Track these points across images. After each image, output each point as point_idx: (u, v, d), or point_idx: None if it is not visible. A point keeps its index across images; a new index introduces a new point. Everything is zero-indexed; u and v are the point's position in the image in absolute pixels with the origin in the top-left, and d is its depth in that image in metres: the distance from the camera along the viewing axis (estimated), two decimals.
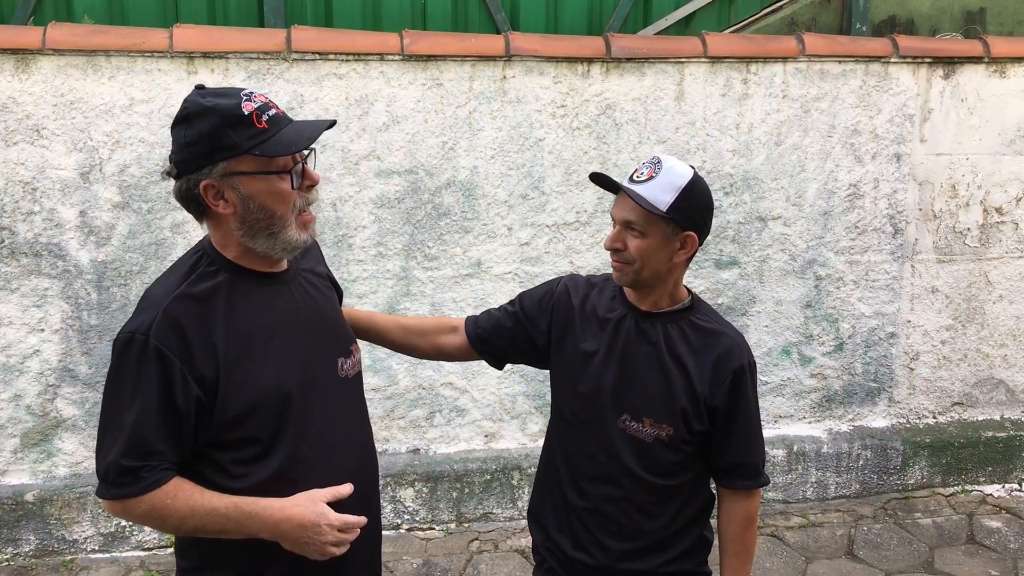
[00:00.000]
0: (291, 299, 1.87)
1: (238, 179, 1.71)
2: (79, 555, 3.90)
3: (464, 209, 4.04)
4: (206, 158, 1.70)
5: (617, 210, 2.01)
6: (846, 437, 4.53)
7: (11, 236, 3.71)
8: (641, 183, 1.95)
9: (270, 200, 1.73)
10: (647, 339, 2.05)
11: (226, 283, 1.76)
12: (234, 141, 1.69)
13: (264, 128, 1.70)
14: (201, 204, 1.74)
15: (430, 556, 3.97)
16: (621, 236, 1.99)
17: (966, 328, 4.61)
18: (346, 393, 1.96)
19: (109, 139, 3.71)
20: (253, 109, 1.70)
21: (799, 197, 4.30)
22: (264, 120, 1.71)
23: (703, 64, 4.12)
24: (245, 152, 1.69)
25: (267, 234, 1.75)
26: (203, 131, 1.69)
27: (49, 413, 3.85)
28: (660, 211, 1.94)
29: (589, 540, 2.10)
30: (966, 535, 4.29)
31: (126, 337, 1.69)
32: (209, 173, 1.70)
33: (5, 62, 3.60)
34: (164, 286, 1.75)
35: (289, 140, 1.72)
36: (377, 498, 2.06)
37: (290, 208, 1.75)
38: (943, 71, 4.35)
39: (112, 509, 1.74)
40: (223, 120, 1.69)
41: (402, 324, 2.32)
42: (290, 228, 1.76)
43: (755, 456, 2.10)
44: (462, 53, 3.91)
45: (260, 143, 1.69)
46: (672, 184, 1.95)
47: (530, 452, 4.25)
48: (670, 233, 1.97)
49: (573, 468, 2.12)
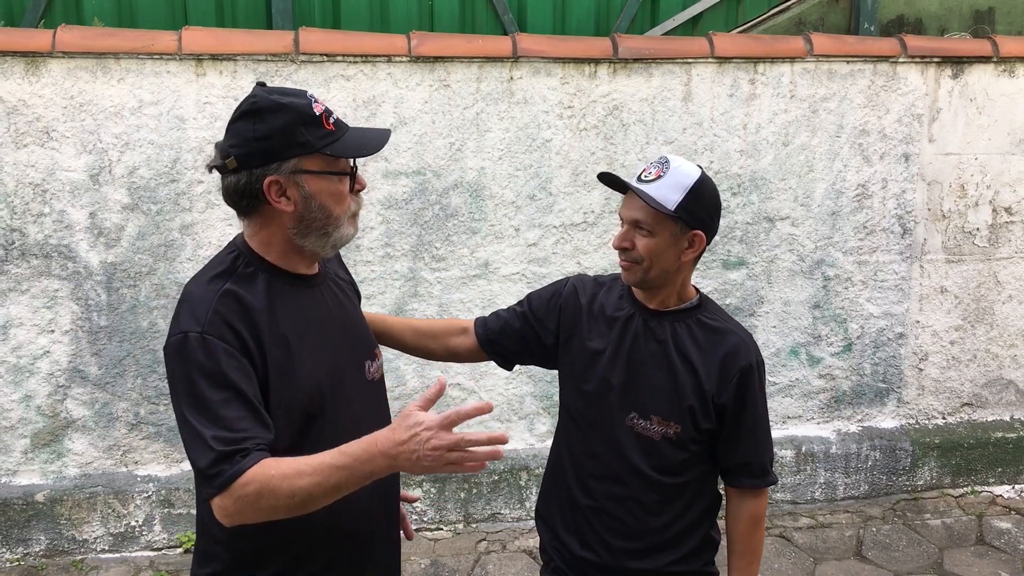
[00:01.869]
0: (323, 302, 1.88)
1: (304, 177, 1.71)
2: (89, 555, 3.92)
3: (472, 210, 4.04)
4: (277, 154, 1.70)
5: (625, 209, 2.02)
6: (855, 438, 4.52)
7: (21, 238, 3.73)
8: (649, 182, 1.96)
9: (330, 200, 1.75)
10: (655, 337, 2.05)
11: (264, 284, 1.76)
12: (307, 139, 1.70)
13: (332, 130, 1.73)
14: (258, 200, 1.73)
15: (438, 556, 3.98)
16: (629, 235, 2.00)
17: (975, 328, 4.59)
18: (372, 396, 1.97)
19: (118, 141, 3.73)
20: (322, 111, 1.73)
21: (807, 197, 4.30)
22: (331, 122, 1.73)
23: (710, 64, 4.12)
24: (317, 151, 1.71)
25: (320, 233, 1.76)
26: (276, 127, 1.69)
27: (59, 414, 3.87)
28: (668, 210, 1.94)
29: (596, 539, 2.10)
30: (975, 536, 4.28)
31: (180, 338, 1.66)
32: (277, 169, 1.70)
33: (15, 65, 3.62)
34: (202, 286, 1.74)
35: (357, 144, 1.76)
36: (398, 502, 2.06)
37: (345, 210, 1.78)
38: (952, 71, 4.34)
39: (224, 507, 1.61)
40: (298, 117, 1.70)
41: (413, 327, 2.33)
42: (343, 227, 1.78)
43: (762, 455, 2.10)
44: (469, 54, 3.91)
45: (330, 143, 1.72)
46: (680, 183, 1.95)
47: (538, 453, 4.25)
48: (678, 232, 1.98)
49: (580, 467, 2.13)
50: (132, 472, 3.96)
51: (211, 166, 1.76)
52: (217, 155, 1.75)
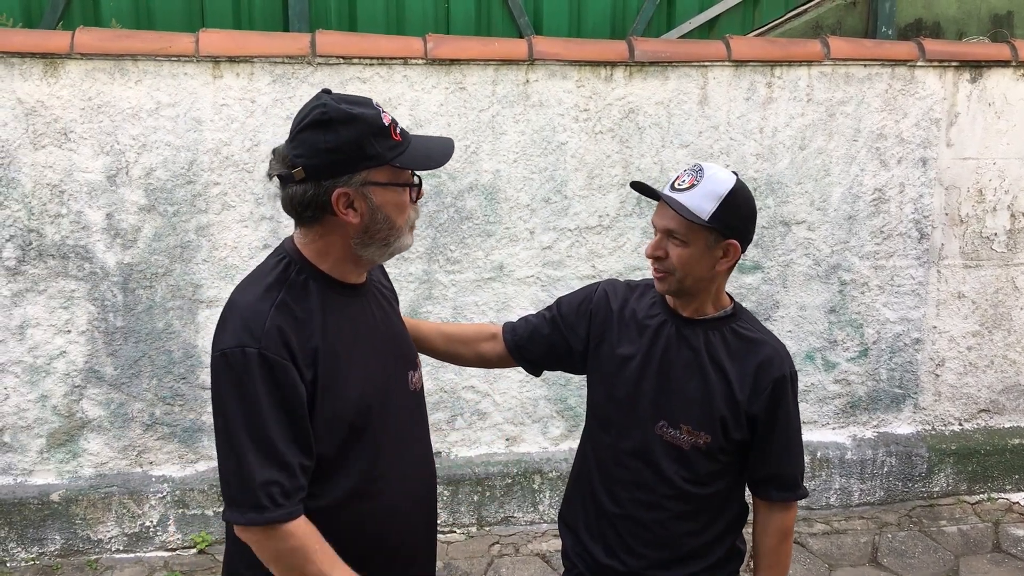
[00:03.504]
0: (370, 312, 1.87)
1: (372, 189, 1.69)
2: (104, 555, 3.93)
3: (486, 213, 4.04)
4: (348, 165, 1.67)
5: (659, 218, 1.98)
6: (870, 443, 4.49)
7: (39, 238, 3.75)
8: (683, 191, 1.92)
9: (394, 211, 1.72)
10: (688, 345, 2.03)
11: (317, 295, 1.74)
12: (378, 151, 1.67)
13: (399, 141, 1.71)
14: (324, 211, 1.69)
15: (451, 559, 3.98)
16: (663, 244, 1.97)
17: (993, 334, 4.56)
18: (415, 407, 1.96)
19: (136, 143, 3.75)
20: (390, 121, 1.70)
21: (823, 201, 4.28)
22: (398, 133, 1.71)
23: (727, 68, 4.10)
24: (387, 163, 1.69)
25: (382, 244, 1.75)
26: (348, 139, 1.66)
27: (75, 414, 3.88)
28: (702, 220, 1.91)
29: (621, 547, 2.08)
30: (992, 543, 4.24)
31: (236, 351, 1.63)
32: (348, 181, 1.67)
33: (34, 66, 3.64)
34: (253, 295, 1.71)
35: (424, 156, 1.74)
36: (436, 513, 2.06)
37: (407, 219, 1.76)
38: (970, 75, 4.31)
39: (256, 540, 1.65)
40: (368, 129, 1.67)
41: (444, 332, 2.32)
42: (401, 237, 1.76)
43: (794, 468, 2.08)
44: (485, 57, 3.91)
45: (398, 155, 1.69)
46: (714, 192, 1.92)
47: (551, 456, 4.25)
48: (712, 241, 1.95)
49: (607, 474, 2.11)
50: (147, 472, 3.97)
51: (274, 175, 1.72)
52: (279, 163, 1.70)
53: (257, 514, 1.62)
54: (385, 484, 1.81)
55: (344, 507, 1.76)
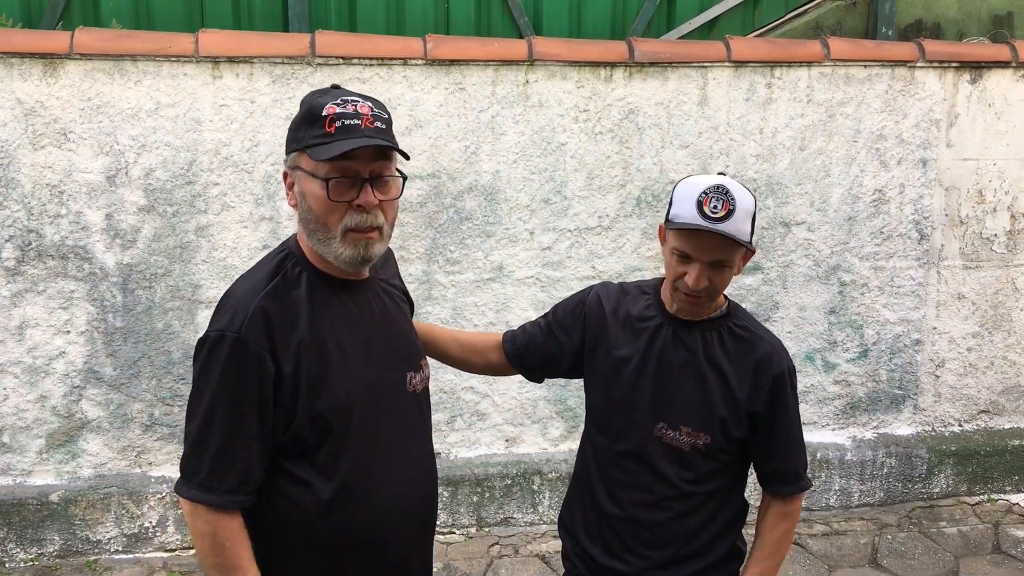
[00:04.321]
0: (367, 308, 1.86)
1: (298, 174, 1.73)
2: (103, 556, 3.92)
3: (486, 213, 4.04)
4: (288, 146, 1.77)
5: (702, 252, 1.91)
6: (870, 444, 4.48)
7: (38, 239, 3.75)
8: (724, 219, 1.88)
9: (315, 203, 1.71)
10: (685, 347, 2.03)
11: (308, 285, 1.76)
12: (302, 135, 1.71)
13: (329, 132, 1.67)
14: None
15: (450, 560, 3.97)
16: (705, 274, 1.93)
17: (993, 335, 4.55)
18: (413, 408, 1.94)
19: (135, 143, 3.74)
20: (333, 112, 1.68)
21: (823, 202, 4.27)
22: (335, 126, 1.67)
23: (727, 68, 4.10)
24: (303, 148, 1.71)
25: (317, 239, 1.74)
26: (294, 121, 1.75)
27: (74, 414, 3.88)
28: (748, 244, 1.92)
29: (622, 548, 2.08)
30: (992, 545, 4.24)
31: (217, 335, 1.68)
32: (287, 162, 1.77)
33: (33, 66, 3.64)
34: (249, 284, 1.75)
35: (335, 149, 1.66)
36: (435, 516, 2.05)
37: (336, 219, 1.70)
38: (970, 76, 4.30)
39: (186, 507, 1.73)
40: (305, 114, 1.71)
41: (459, 339, 2.33)
42: (335, 239, 1.71)
43: (795, 462, 2.09)
44: (485, 57, 3.91)
45: (315, 145, 1.68)
46: (747, 211, 1.91)
47: (551, 457, 4.24)
48: (742, 254, 1.97)
49: (607, 476, 2.11)
50: (146, 473, 3.97)
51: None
52: None
53: (198, 492, 1.69)
54: (375, 486, 1.80)
55: (330, 510, 1.75)
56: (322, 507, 1.75)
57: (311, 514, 1.75)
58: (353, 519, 1.78)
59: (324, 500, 1.75)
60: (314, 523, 1.76)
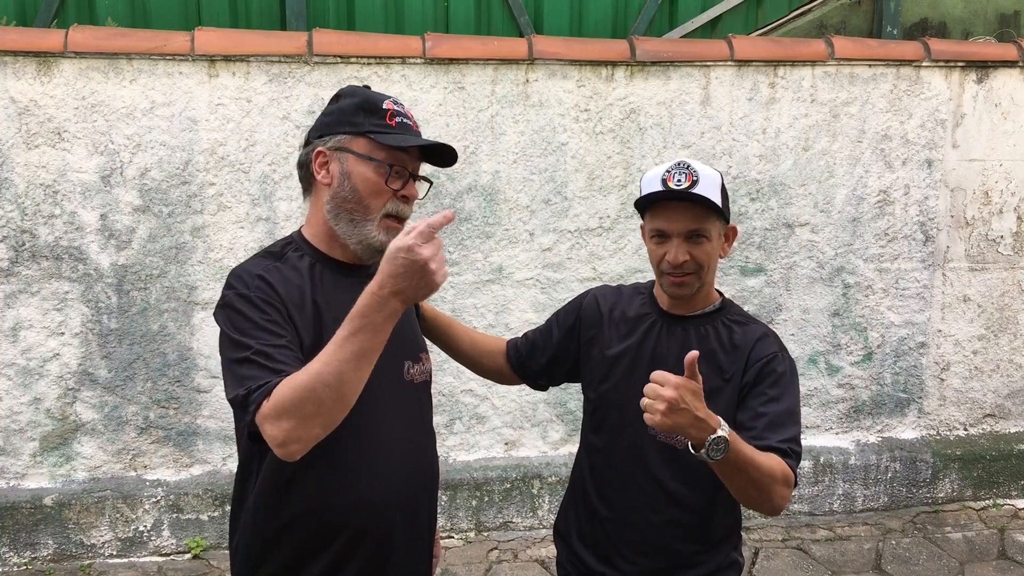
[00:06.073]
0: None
1: (346, 156, 1.77)
2: (97, 560, 3.88)
3: (486, 214, 3.99)
4: (330, 128, 1.81)
5: (673, 223, 1.91)
6: (874, 449, 4.43)
7: (32, 239, 3.70)
8: (687, 189, 1.88)
9: (363, 184, 1.77)
10: (678, 343, 2.00)
11: (310, 266, 1.81)
12: (359, 121, 1.78)
13: (391, 125, 1.78)
14: (308, 171, 1.82)
15: (449, 565, 3.93)
16: (684, 248, 1.91)
17: (998, 338, 4.50)
18: (410, 397, 1.92)
19: (130, 142, 3.70)
20: (392, 108, 1.80)
21: (827, 203, 4.22)
22: (395, 121, 1.79)
23: (729, 67, 4.05)
24: (363, 134, 1.77)
25: (349, 219, 1.78)
26: (342, 107, 1.81)
27: (68, 417, 3.84)
28: (720, 209, 1.91)
29: (614, 553, 2.04)
30: (997, 550, 4.19)
31: (229, 297, 1.72)
32: (326, 142, 1.80)
33: (27, 65, 3.59)
34: (251, 263, 1.80)
35: (403, 140, 1.77)
36: (433, 509, 2.02)
37: (380, 203, 1.78)
38: (976, 75, 4.25)
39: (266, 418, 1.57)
40: (362, 103, 1.80)
41: (473, 339, 2.32)
42: (372, 223, 1.78)
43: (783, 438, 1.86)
44: (484, 56, 3.86)
45: (379, 132, 1.76)
46: (713, 181, 1.91)
47: (551, 460, 4.20)
48: (721, 230, 1.96)
49: (600, 477, 2.08)
50: (141, 476, 3.92)
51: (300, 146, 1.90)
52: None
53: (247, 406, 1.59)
54: (356, 470, 1.77)
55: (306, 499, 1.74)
56: (298, 498, 1.75)
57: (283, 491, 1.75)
58: (328, 503, 1.76)
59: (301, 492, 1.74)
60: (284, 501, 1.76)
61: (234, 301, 1.71)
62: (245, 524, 1.84)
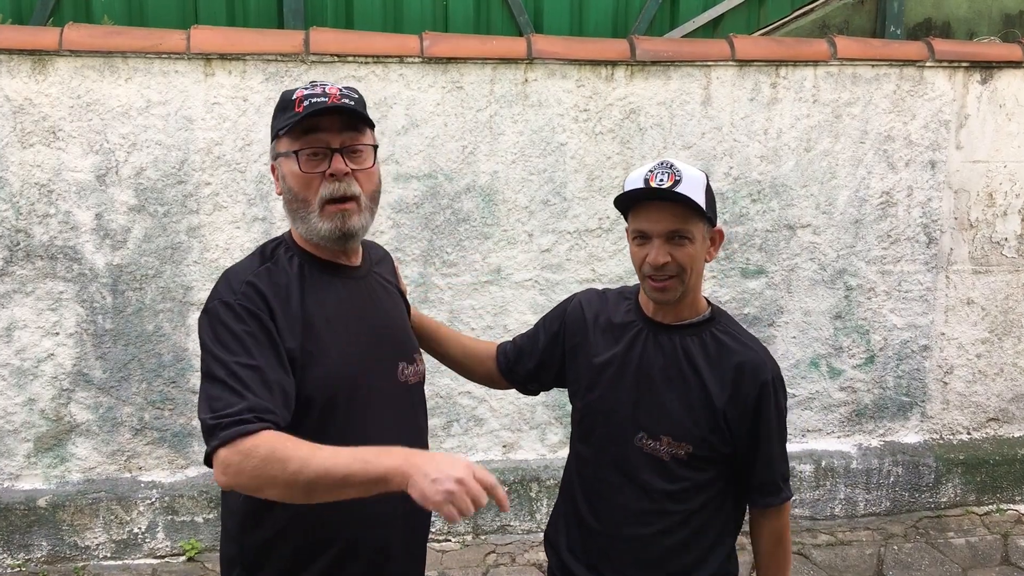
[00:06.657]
0: (359, 296, 1.87)
1: (280, 161, 1.79)
2: (91, 562, 3.85)
3: (484, 215, 3.96)
4: (270, 141, 1.85)
5: (655, 224, 1.87)
6: (876, 453, 4.39)
7: (26, 239, 3.68)
8: (669, 188, 1.84)
9: (293, 181, 1.76)
10: (664, 353, 1.96)
11: (300, 268, 1.80)
12: (276, 124, 1.79)
13: (298, 112, 1.73)
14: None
15: (446, 569, 3.90)
16: (666, 249, 1.87)
17: (1002, 341, 4.46)
18: (403, 398, 1.90)
19: (125, 141, 3.67)
20: (302, 95, 1.75)
21: (829, 205, 4.18)
22: (303, 105, 1.73)
23: (731, 67, 4.02)
24: (278, 134, 1.77)
25: (297, 217, 1.78)
26: (272, 115, 1.83)
27: (63, 418, 3.81)
28: (703, 211, 1.86)
29: (604, 565, 2.01)
30: (1000, 556, 4.15)
31: (213, 306, 1.71)
32: (272, 155, 1.83)
33: (22, 63, 3.57)
34: (242, 266, 1.80)
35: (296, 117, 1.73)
36: (424, 520, 1.99)
37: (313, 192, 1.75)
38: (980, 76, 4.21)
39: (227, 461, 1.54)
40: (279, 104, 1.80)
41: (464, 344, 2.31)
42: (313, 214, 1.75)
43: (776, 473, 1.99)
44: (483, 56, 3.83)
45: (287, 123, 1.74)
46: (697, 182, 1.87)
47: (549, 463, 4.16)
48: (705, 232, 1.91)
49: (588, 488, 2.05)
50: (136, 478, 3.90)
51: None
52: None
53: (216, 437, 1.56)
54: None
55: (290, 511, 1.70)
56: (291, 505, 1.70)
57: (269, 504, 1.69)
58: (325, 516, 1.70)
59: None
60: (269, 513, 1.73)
61: (217, 309, 1.70)
62: (233, 535, 1.82)
